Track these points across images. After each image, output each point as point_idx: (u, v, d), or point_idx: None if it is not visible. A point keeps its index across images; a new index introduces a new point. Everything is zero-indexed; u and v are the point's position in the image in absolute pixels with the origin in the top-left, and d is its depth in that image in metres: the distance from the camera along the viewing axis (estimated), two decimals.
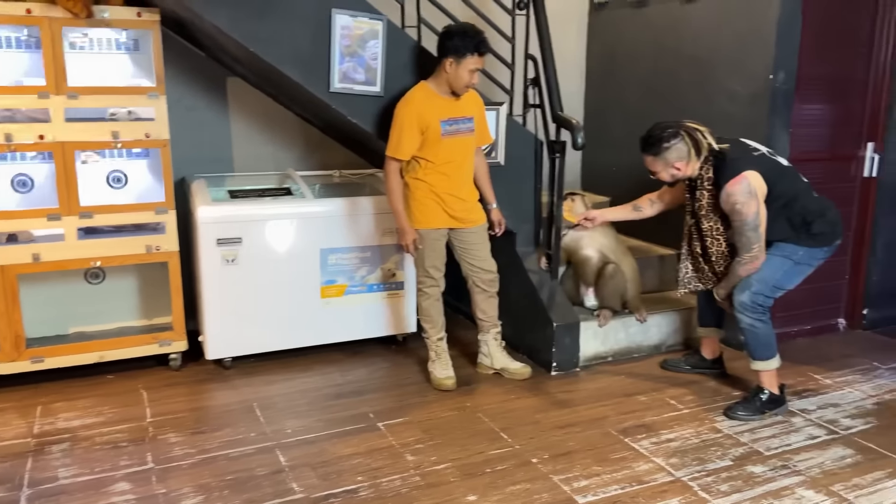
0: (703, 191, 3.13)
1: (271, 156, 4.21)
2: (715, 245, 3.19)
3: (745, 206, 2.97)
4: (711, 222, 3.17)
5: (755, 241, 3.03)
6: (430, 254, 3.33)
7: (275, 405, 3.26)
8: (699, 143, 3.07)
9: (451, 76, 3.14)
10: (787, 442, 2.96)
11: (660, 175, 3.18)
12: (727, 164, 3.03)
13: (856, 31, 3.90)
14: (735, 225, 3.05)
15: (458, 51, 3.09)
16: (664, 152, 3.10)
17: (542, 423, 3.10)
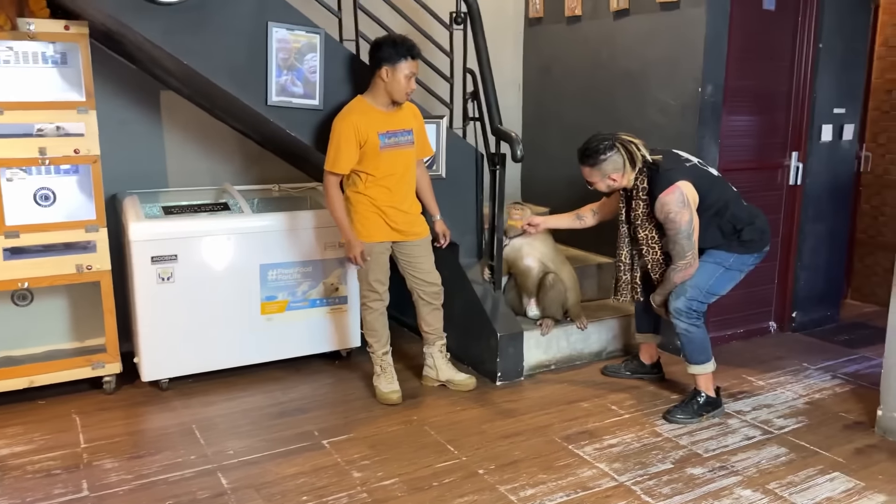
0: (639, 200, 3.21)
1: (207, 170, 4.12)
2: (651, 253, 3.27)
3: (679, 215, 3.06)
4: (647, 231, 3.24)
5: (689, 249, 3.12)
6: (373, 268, 3.31)
7: (215, 426, 3.18)
8: (633, 154, 3.15)
9: (389, 85, 3.14)
10: (724, 443, 3.05)
11: (597, 185, 3.25)
12: (660, 174, 3.12)
13: (778, 47, 4.08)
14: (669, 234, 3.13)
15: (391, 58, 3.10)
16: (600, 164, 3.17)
17: (487, 434, 3.12)
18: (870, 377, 3.73)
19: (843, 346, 4.23)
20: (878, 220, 5.10)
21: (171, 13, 2.96)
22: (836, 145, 4.37)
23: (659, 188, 3.09)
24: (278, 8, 3.19)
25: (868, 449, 3.01)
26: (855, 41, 4.31)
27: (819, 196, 4.37)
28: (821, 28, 4.12)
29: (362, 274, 3.34)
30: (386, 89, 3.15)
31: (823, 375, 3.79)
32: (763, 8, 3.95)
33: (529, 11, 4.93)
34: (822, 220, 4.42)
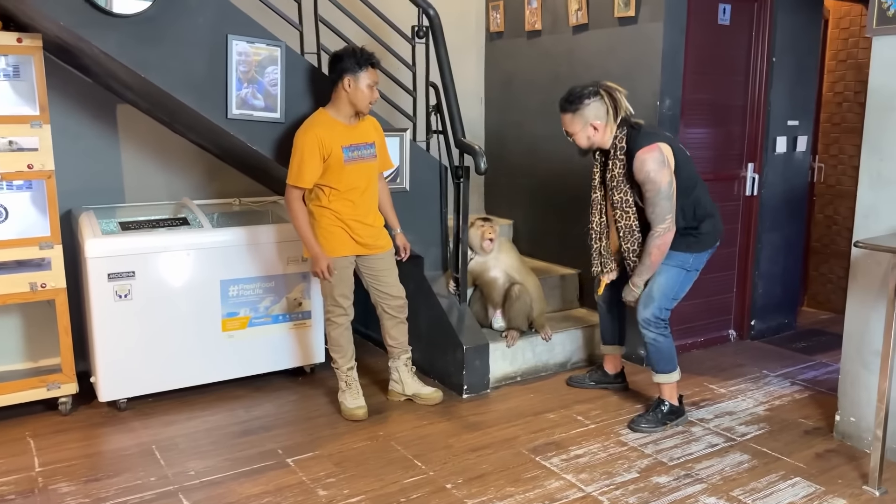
0: (616, 160, 3.15)
1: (166, 185, 4.05)
2: (623, 218, 3.19)
3: (658, 174, 3.03)
4: (622, 193, 3.16)
5: (668, 212, 3.07)
6: (338, 282, 3.28)
7: (176, 446, 3.10)
8: (618, 103, 3.11)
9: (351, 95, 3.12)
10: (688, 451, 3.08)
11: (577, 137, 3.18)
12: (641, 134, 3.10)
13: (733, 61, 4.18)
14: (648, 195, 3.07)
15: (352, 69, 3.09)
16: (583, 109, 3.11)
17: (455, 448, 3.10)
18: (827, 383, 3.82)
19: (801, 353, 4.32)
20: (832, 229, 5.24)
21: (127, 25, 2.91)
22: (791, 157, 4.48)
23: (638, 146, 3.06)
24: (238, 21, 3.16)
25: (827, 454, 3.06)
26: (806, 56, 4.43)
27: (775, 206, 4.47)
28: (774, 43, 4.24)
29: (327, 289, 3.31)
30: (349, 100, 3.14)
31: (783, 382, 3.86)
32: (718, 23, 4.05)
33: (491, 25, 4.97)
34: (778, 230, 4.52)
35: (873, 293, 2.99)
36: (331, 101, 3.19)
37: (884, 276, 2.92)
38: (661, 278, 3.22)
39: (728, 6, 4.06)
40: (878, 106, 2.95)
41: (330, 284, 3.27)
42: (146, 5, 2.91)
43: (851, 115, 5.03)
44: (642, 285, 3.25)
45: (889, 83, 2.91)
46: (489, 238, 3.80)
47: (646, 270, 3.20)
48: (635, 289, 3.26)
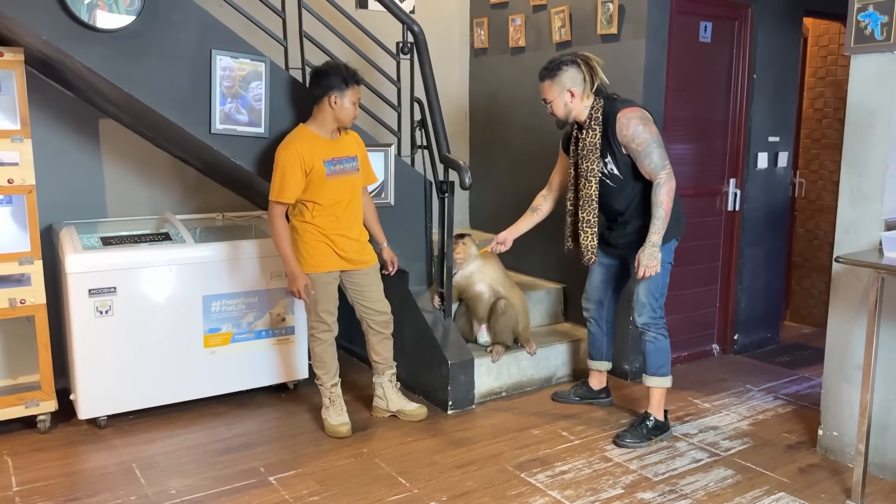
0: (590, 130, 3.17)
1: (148, 199, 4.02)
2: (586, 188, 3.21)
3: (646, 128, 3.06)
4: (589, 163, 3.18)
5: (664, 159, 3.07)
6: (322, 298, 3.26)
7: (157, 465, 3.06)
8: (594, 71, 3.15)
9: (337, 112, 3.13)
10: (673, 467, 3.08)
11: (554, 105, 3.20)
12: (619, 101, 3.16)
13: (715, 77, 4.23)
14: (640, 148, 3.07)
15: (338, 86, 3.09)
16: (560, 75, 3.15)
17: (439, 464, 3.08)
18: (810, 397, 3.84)
19: (784, 367, 4.34)
20: (813, 244, 5.29)
21: (110, 40, 2.89)
22: (772, 172, 4.53)
23: (618, 108, 3.10)
24: (222, 36, 3.16)
25: (811, 468, 3.07)
26: (786, 73, 4.49)
27: (757, 221, 4.51)
28: (754, 60, 4.29)
29: (310, 304, 3.29)
30: (335, 116, 3.14)
31: (766, 397, 3.88)
32: (699, 40, 4.10)
33: (475, 42, 5.00)
34: (760, 245, 4.56)
35: (854, 308, 3.02)
36: (312, 117, 3.19)
37: (864, 291, 2.95)
38: (643, 283, 3.25)
39: (709, 24, 4.11)
40: (857, 123, 2.99)
41: (314, 300, 3.25)
42: (129, 20, 2.90)
43: (831, 132, 5.10)
44: (660, 242, 3.13)
45: (867, 100, 2.95)
46: (459, 259, 3.80)
47: (660, 223, 3.11)
48: (654, 249, 3.12)
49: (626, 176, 3.19)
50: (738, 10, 4.22)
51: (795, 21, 4.48)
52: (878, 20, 2.84)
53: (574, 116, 3.23)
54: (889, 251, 2.72)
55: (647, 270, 3.17)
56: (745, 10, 4.23)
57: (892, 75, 2.85)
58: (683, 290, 4.34)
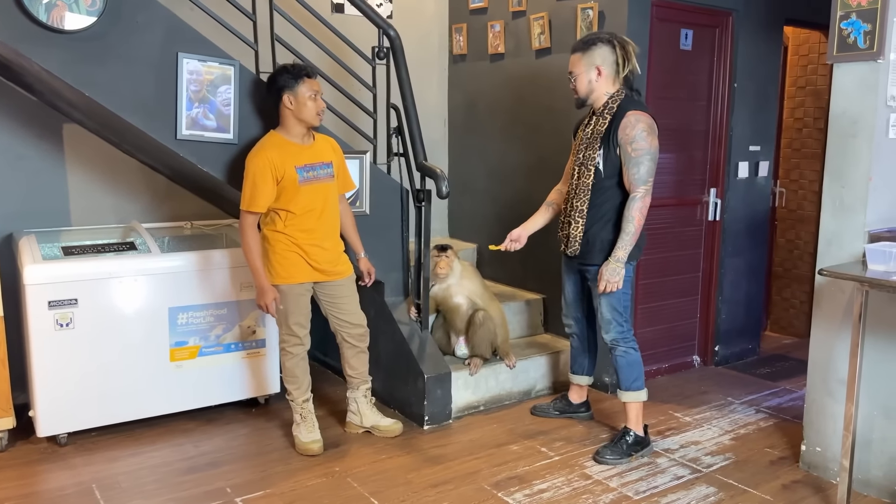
0: (601, 118, 3.11)
1: (114, 207, 3.88)
2: (584, 176, 3.15)
3: (648, 137, 3.01)
4: (591, 150, 3.12)
5: (650, 175, 3.03)
6: (293, 311, 3.15)
7: (118, 485, 2.92)
8: (628, 56, 3.09)
9: (296, 111, 3.02)
10: (654, 484, 3.00)
11: (579, 79, 3.12)
12: (637, 102, 3.11)
13: (695, 86, 4.18)
14: (634, 154, 3.02)
15: (288, 84, 3.00)
16: (594, 50, 3.08)
17: (414, 483, 2.97)
18: (792, 410, 3.78)
19: (765, 379, 4.29)
20: (794, 254, 5.26)
21: (70, 42, 2.77)
22: (753, 182, 4.49)
23: (631, 108, 3.05)
24: (189, 38, 3.05)
25: (793, 485, 3.01)
26: (767, 82, 4.46)
27: (737, 231, 4.46)
28: (735, 69, 4.25)
29: (281, 317, 3.17)
30: (295, 117, 3.03)
31: (747, 410, 3.82)
32: (680, 48, 4.05)
33: (453, 48, 4.93)
34: (740, 255, 4.51)
35: (837, 321, 2.96)
36: (280, 123, 3.08)
37: (848, 304, 2.89)
38: (604, 300, 3.18)
39: (690, 31, 4.06)
40: (839, 133, 2.94)
41: (285, 313, 3.14)
42: (91, 21, 2.78)
43: (811, 141, 5.07)
44: (626, 258, 3.08)
45: (849, 110, 2.90)
46: (442, 273, 3.71)
47: (629, 239, 3.05)
48: (618, 264, 3.07)
49: (608, 176, 3.12)
50: (719, 18, 4.18)
51: (776, 30, 4.45)
52: (860, 28, 2.79)
53: (594, 98, 3.16)
54: (873, 264, 2.67)
55: (609, 286, 3.11)
56: (726, 18, 4.19)
57: (875, 84, 2.81)
58: (664, 301, 4.27)
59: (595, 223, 3.15)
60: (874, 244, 2.73)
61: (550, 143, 4.20)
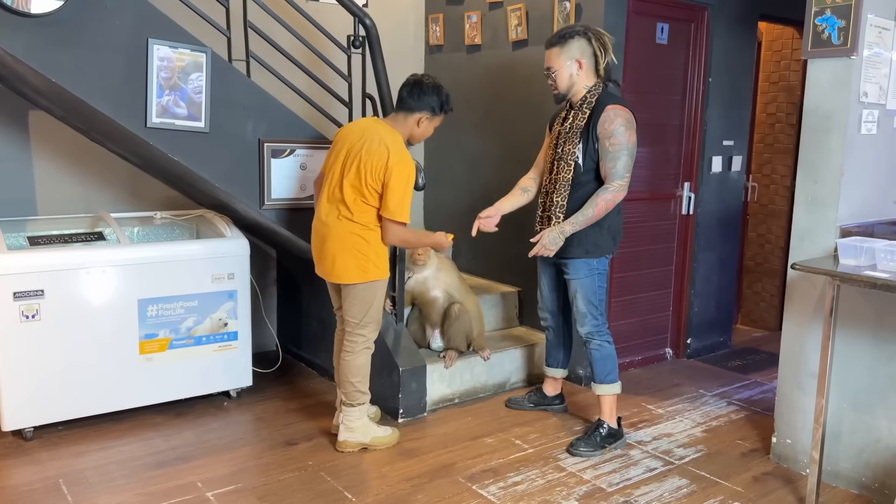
0: (579, 112, 3.10)
1: (83, 197, 3.79)
2: (564, 171, 3.12)
3: (627, 132, 3.00)
4: (571, 146, 3.11)
5: (627, 171, 3.02)
6: (380, 304, 3.10)
7: (85, 480, 2.86)
8: (605, 47, 3.07)
9: (419, 131, 3.05)
10: (627, 476, 3.01)
11: (559, 74, 3.10)
12: (616, 97, 3.09)
13: (670, 81, 4.19)
14: (612, 149, 3.00)
15: (436, 110, 3.04)
16: (571, 43, 3.06)
17: (388, 477, 2.95)
18: (762, 403, 3.82)
19: (736, 372, 4.33)
20: (765, 248, 5.32)
21: (36, 26, 2.69)
22: (726, 176, 4.53)
23: (611, 101, 3.04)
24: (160, 24, 2.98)
25: (764, 477, 3.04)
26: (741, 77, 4.49)
27: (710, 225, 4.50)
28: (710, 63, 4.27)
29: (373, 312, 3.05)
30: (410, 132, 3.04)
31: (719, 402, 3.85)
32: (656, 42, 4.05)
33: (430, 38, 4.89)
34: (713, 249, 4.55)
35: (809, 315, 2.99)
36: (397, 123, 3.03)
37: (819, 299, 2.93)
38: (579, 294, 3.19)
39: (666, 25, 4.07)
40: (813, 128, 2.97)
41: (377, 306, 3.07)
42: (57, 5, 2.70)
43: (783, 136, 5.13)
44: (569, 233, 3.07)
45: (823, 106, 2.93)
46: (420, 260, 3.68)
47: (582, 220, 3.04)
48: (561, 235, 3.07)
49: (586, 170, 3.11)
50: (695, 13, 4.19)
51: (750, 25, 4.48)
52: (835, 24, 2.81)
53: (574, 92, 3.14)
54: (844, 258, 2.70)
55: (542, 250, 3.09)
56: (701, 12, 4.21)
57: (849, 81, 2.83)
58: (637, 295, 4.29)
59: None
60: (846, 239, 2.76)
61: (527, 135, 4.19)
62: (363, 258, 2.95)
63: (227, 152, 3.22)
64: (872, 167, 3.00)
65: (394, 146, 2.92)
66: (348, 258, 2.95)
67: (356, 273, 2.96)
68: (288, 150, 3.38)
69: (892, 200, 3.12)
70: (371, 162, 2.88)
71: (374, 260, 2.99)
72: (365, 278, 2.98)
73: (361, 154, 2.90)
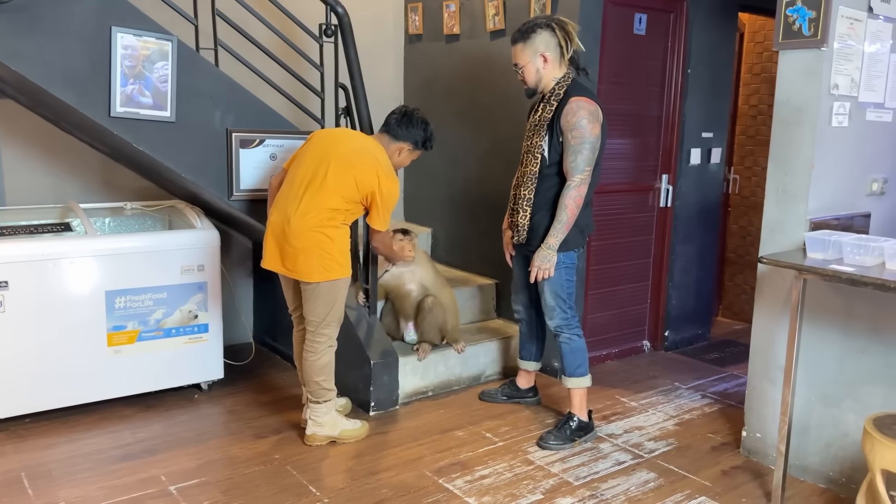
0: (547, 104, 3.07)
1: (52, 187, 3.75)
2: (531, 164, 3.11)
3: (590, 123, 2.96)
4: (538, 138, 3.09)
5: (588, 164, 2.99)
6: (343, 301, 3.09)
7: (48, 474, 2.84)
8: (570, 36, 3.04)
9: (398, 159, 3.11)
10: (595, 470, 3.00)
11: (526, 70, 3.08)
12: (585, 89, 3.06)
13: (649, 72, 4.16)
14: (574, 142, 2.98)
15: (416, 143, 3.11)
16: (533, 37, 3.03)
17: (355, 471, 2.93)
18: (736, 395, 3.81)
19: (713, 365, 4.32)
20: (746, 240, 5.30)
21: None
22: (705, 168, 4.50)
23: (577, 93, 3.01)
24: (124, 11, 2.94)
25: (733, 471, 3.03)
26: (721, 68, 4.45)
27: (689, 217, 4.47)
28: (689, 55, 4.24)
29: (336, 311, 3.04)
30: (390, 157, 3.07)
31: (693, 395, 3.84)
32: (634, 32, 4.02)
33: (409, 28, 4.84)
34: (691, 241, 4.53)
35: (779, 309, 2.98)
36: (381, 144, 3.06)
37: (789, 292, 2.91)
38: (546, 287, 3.17)
39: (644, 16, 4.03)
40: (784, 120, 2.94)
41: (340, 305, 3.06)
42: None
43: (765, 128, 5.10)
44: (557, 245, 3.07)
45: (794, 98, 2.90)
46: (409, 256, 3.65)
47: (561, 227, 3.04)
48: (549, 251, 3.07)
49: (552, 163, 3.08)
50: (674, 3, 4.15)
51: (731, 16, 4.45)
52: (805, 15, 2.78)
53: (543, 85, 3.11)
54: (812, 252, 2.68)
55: (541, 273, 3.11)
56: (680, 3, 4.17)
57: (819, 72, 2.80)
58: (615, 287, 4.28)
59: (539, 210, 3.12)
60: (814, 232, 2.74)
61: (506, 126, 4.16)
62: (327, 257, 2.92)
63: (194, 142, 3.18)
64: (844, 160, 2.98)
65: (386, 165, 3.00)
66: (312, 257, 2.91)
67: (320, 271, 2.93)
68: (257, 140, 3.35)
69: (863, 193, 3.10)
70: (364, 179, 2.93)
71: (339, 258, 2.96)
72: (328, 277, 2.94)
73: (355, 165, 2.92)
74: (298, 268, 2.94)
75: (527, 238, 3.18)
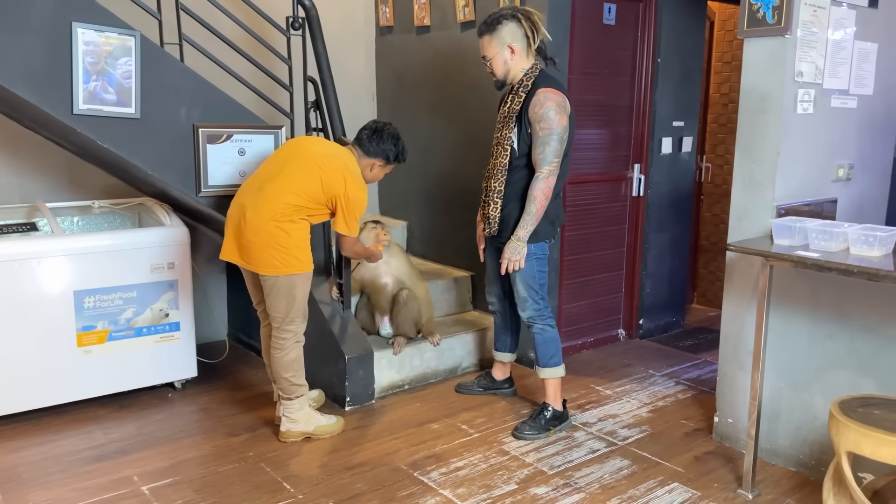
0: (516, 96, 3.06)
1: (17, 186, 3.68)
2: (501, 156, 3.12)
3: (558, 116, 2.97)
4: (507, 130, 3.09)
5: (556, 155, 2.99)
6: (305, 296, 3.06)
7: (17, 477, 2.80)
8: (536, 27, 3.03)
9: (370, 175, 3.12)
10: (569, 458, 3.02)
11: (494, 62, 3.07)
12: (552, 79, 3.06)
13: (619, 62, 4.17)
14: (541, 134, 2.98)
15: (388, 158, 3.12)
16: (500, 29, 3.02)
17: (329, 466, 2.93)
18: (710, 382, 3.85)
19: (687, 352, 4.36)
20: (720, 228, 5.34)
21: None
22: (676, 157, 4.53)
23: (544, 84, 3.00)
24: (84, 7, 2.88)
25: (706, 456, 3.06)
26: (691, 57, 4.47)
27: (661, 206, 4.50)
28: (659, 44, 4.25)
29: (299, 305, 3.02)
30: (363, 172, 3.07)
31: (667, 382, 3.88)
32: (603, 22, 4.02)
33: (380, 19, 4.81)
34: (664, 230, 4.56)
35: (748, 295, 3.01)
36: (354, 156, 3.08)
37: (756, 278, 2.94)
38: (518, 278, 3.18)
39: (613, 5, 4.04)
40: (750, 108, 2.96)
41: (303, 299, 3.03)
42: None
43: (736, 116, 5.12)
44: (527, 237, 3.08)
45: (759, 86, 2.92)
46: (384, 240, 3.65)
47: (531, 219, 3.05)
48: (519, 243, 3.08)
49: (521, 154, 3.09)
50: None
51: (700, 4, 4.47)
52: (769, 3, 2.80)
53: (511, 77, 3.10)
54: (779, 238, 2.71)
55: (511, 264, 3.12)
56: None
57: (784, 60, 2.83)
58: (589, 277, 4.30)
59: (510, 202, 3.13)
60: (780, 219, 2.77)
61: (478, 118, 4.15)
62: (283, 251, 2.90)
63: (159, 139, 3.14)
64: (809, 147, 3.01)
65: (355, 172, 3.01)
66: (268, 250, 2.89)
67: (276, 265, 2.92)
68: (225, 135, 3.31)
69: (830, 179, 3.13)
70: (331, 182, 2.93)
71: (296, 253, 2.94)
72: (286, 271, 2.93)
73: (323, 168, 2.92)
74: (254, 261, 2.93)
75: (498, 230, 3.19)
